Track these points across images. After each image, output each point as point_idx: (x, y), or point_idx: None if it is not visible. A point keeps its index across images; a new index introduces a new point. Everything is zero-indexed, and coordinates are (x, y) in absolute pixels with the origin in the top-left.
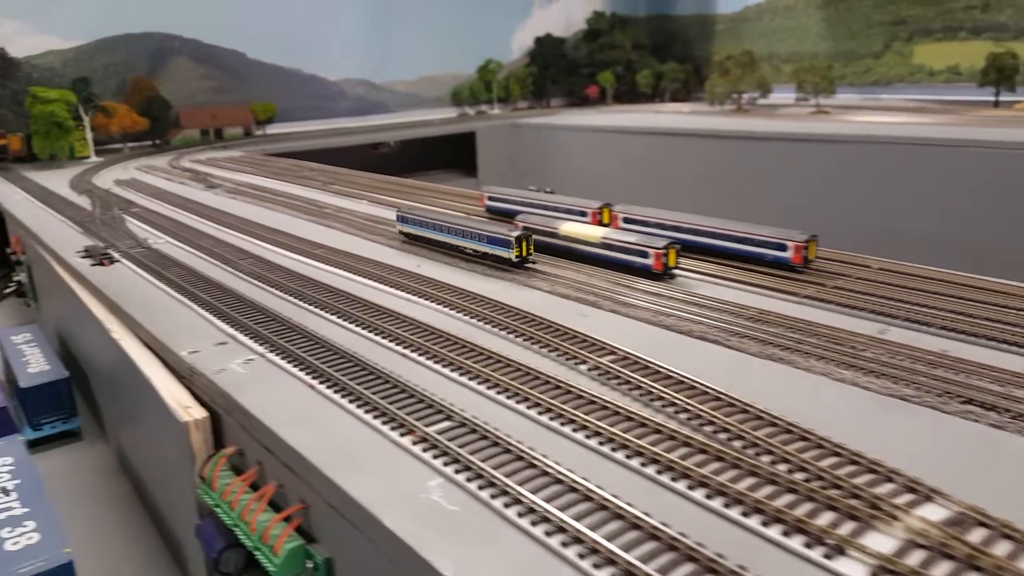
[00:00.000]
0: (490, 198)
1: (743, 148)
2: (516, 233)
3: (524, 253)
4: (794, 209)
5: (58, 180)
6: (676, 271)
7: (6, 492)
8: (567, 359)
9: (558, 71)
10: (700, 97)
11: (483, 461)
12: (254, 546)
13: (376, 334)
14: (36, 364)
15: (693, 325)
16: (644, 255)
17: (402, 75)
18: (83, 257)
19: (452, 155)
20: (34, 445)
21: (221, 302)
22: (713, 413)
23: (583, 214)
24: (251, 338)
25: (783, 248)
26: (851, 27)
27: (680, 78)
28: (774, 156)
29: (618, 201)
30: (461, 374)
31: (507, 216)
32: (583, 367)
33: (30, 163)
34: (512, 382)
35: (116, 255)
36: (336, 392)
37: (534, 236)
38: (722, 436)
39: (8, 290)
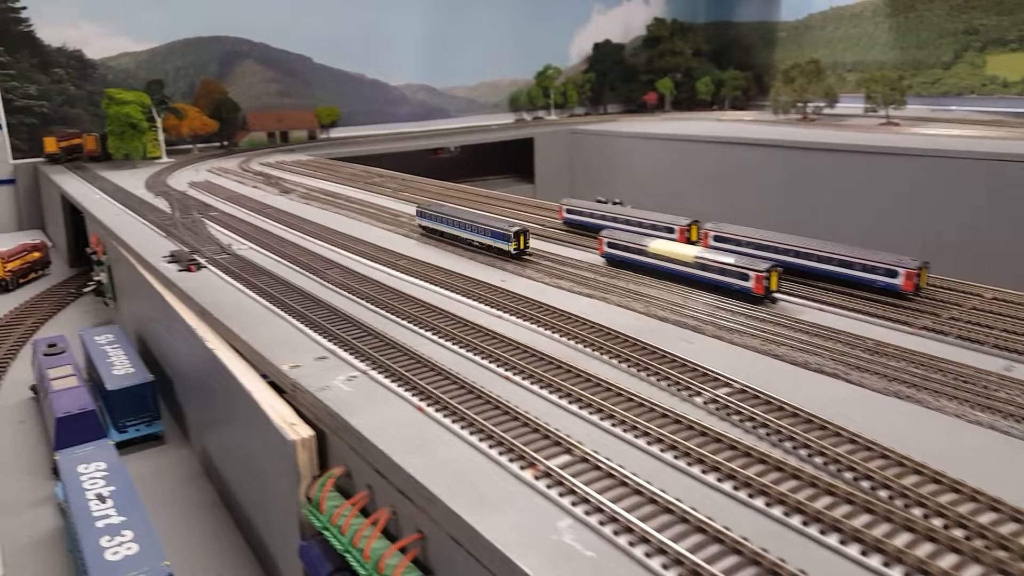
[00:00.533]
0: (568, 211)
1: (816, 160)
2: (515, 229)
3: (521, 246)
4: (868, 226)
5: (133, 181)
6: (777, 295)
7: (102, 499)
8: (679, 389)
9: (616, 77)
10: (760, 105)
11: (614, 503)
12: (367, 575)
13: (475, 353)
14: (120, 366)
15: (807, 356)
16: (744, 277)
17: (461, 81)
18: (169, 262)
19: (510, 160)
20: (118, 448)
21: (315, 314)
22: (850, 457)
23: (670, 231)
24: (351, 354)
25: (894, 274)
26: (920, 36)
27: (741, 86)
28: (848, 169)
29: (682, 213)
30: (570, 401)
31: (586, 229)
32: (698, 399)
33: (103, 162)
34: (627, 414)
35: (202, 261)
36: (446, 416)
37: (621, 252)
38: (865, 484)
39: (88, 288)
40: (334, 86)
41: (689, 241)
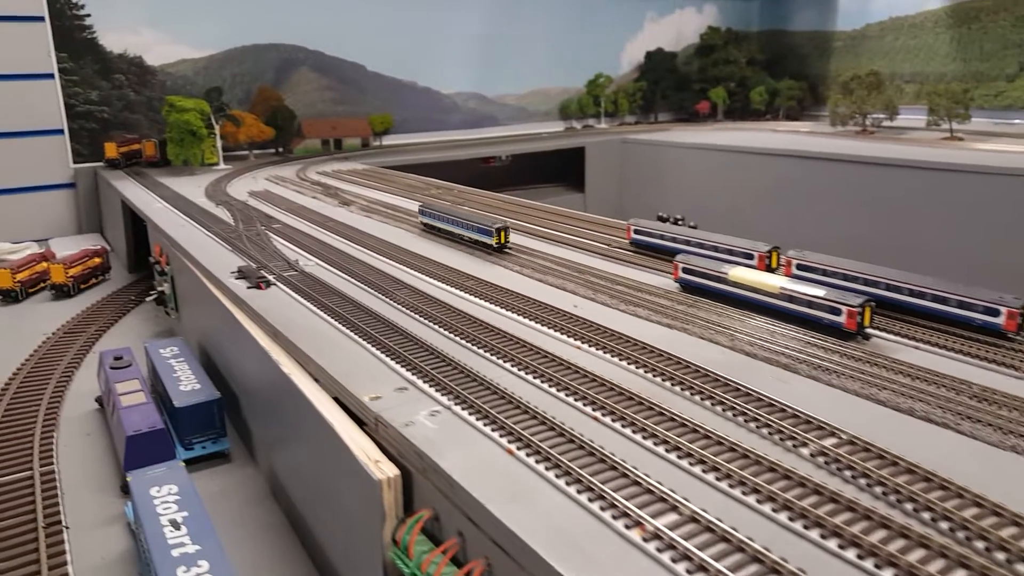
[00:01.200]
0: (636, 231)
1: (880, 176)
2: (497, 225)
3: (502, 241)
4: (936, 247)
5: (192, 188)
6: (870, 331)
7: (176, 526)
8: (782, 438)
9: (668, 86)
10: (815, 115)
11: (734, 572)
12: None
13: (558, 388)
14: (187, 381)
15: (912, 402)
16: (835, 312)
17: (512, 89)
18: (237, 278)
19: (559, 169)
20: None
21: (390, 340)
22: (978, 523)
23: (749, 256)
24: (431, 386)
25: (995, 313)
26: (984, 47)
27: (796, 96)
28: (914, 186)
29: (738, 226)
30: (667, 449)
31: (655, 251)
32: (804, 450)
33: (161, 168)
34: (731, 466)
35: (270, 278)
36: (539, 462)
37: (698, 279)
38: (1000, 556)
39: (150, 297)
40: (387, 94)
41: (769, 268)
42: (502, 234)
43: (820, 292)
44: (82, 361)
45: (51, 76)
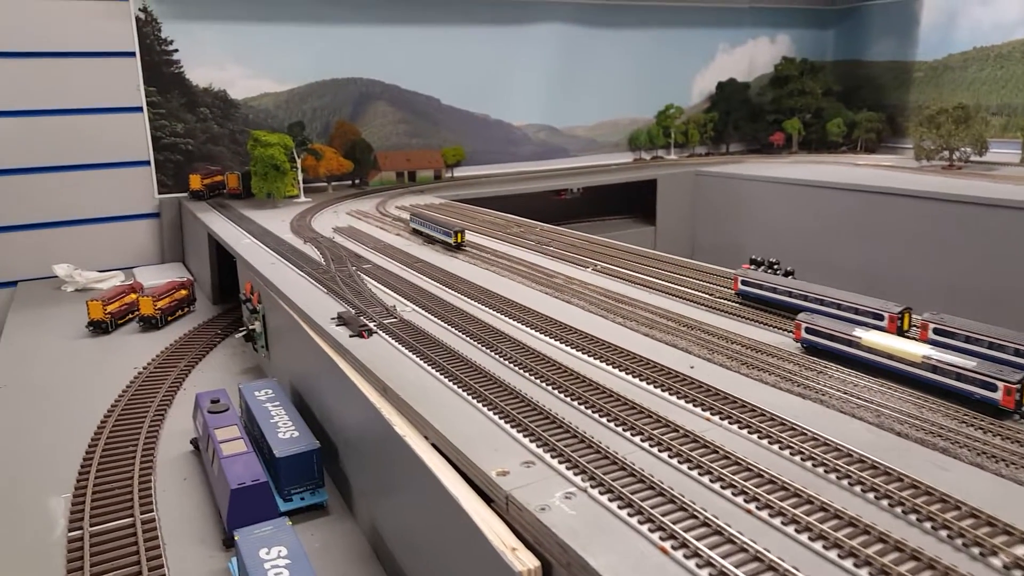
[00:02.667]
0: (744, 282)
1: (978, 217)
2: (455, 228)
3: (459, 241)
4: None
5: (277, 223)
6: None
7: None
8: (964, 543)
9: (741, 116)
10: (894, 148)
11: None
12: None
13: (699, 471)
14: (285, 429)
15: None
16: (990, 387)
17: (582, 120)
18: (338, 325)
19: (630, 201)
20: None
21: (507, 403)
22: None
23: (878, 317)
24: (560, 462)
25: None
26: None
27: (876, 128)
28: (1016, 229)
29: (818, 266)
30: (841, 555)
31: (766, 304)
32: (994, 559)
33: (242, 200)
34: None
35: (372, 326)
36: (700, 566)
37: (825, 341)
38: None
39: (239, 333)
40: (459, 126)
41: (900, 331)
42: (458, 235)
43: (971, 364)
44: (174, 398)
45: (140, 109)
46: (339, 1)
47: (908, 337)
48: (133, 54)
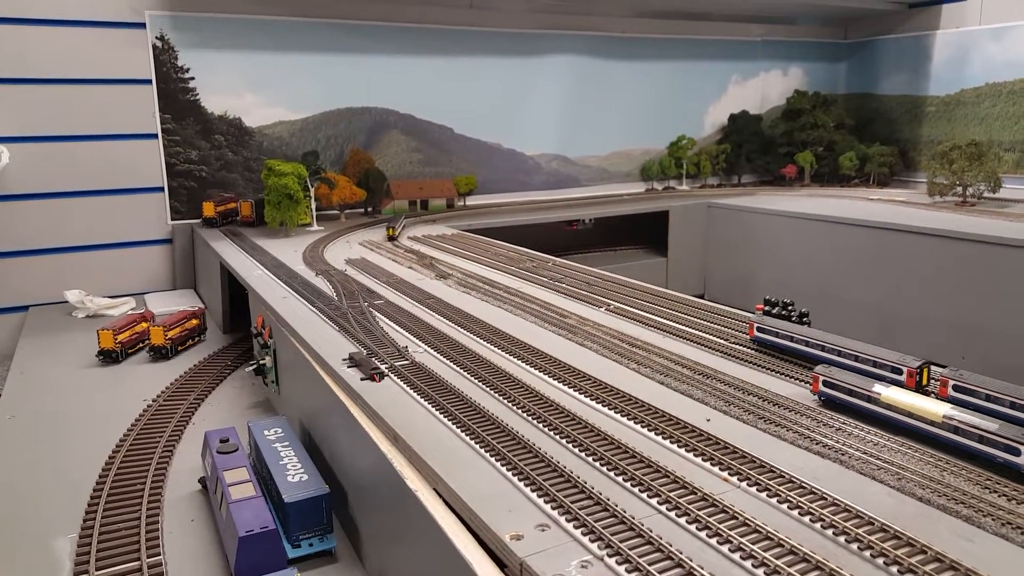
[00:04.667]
0: (760, 329)
1: (995, 257)
2: (396, 224)
3: (394, 234)
4: None
5: (290, 252)
6: None
7: None
8: None
9: (753, 148)
10: (906, 181)
11: None
12: None
13: (719, 540)
14: (294, 471)
15: None
16: (1015, 452)
17: (594, 150)
18: (349, 366)
19: (641, 232)
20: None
21: (522, 460)
22: None
23: (897, 371)
24: (576, 526)
25: None
26: None
27: (888, 162)
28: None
29: (832, 302)
30: None
31: (782, 353)
32: None
33: (255, 228)
34: None
35: (383, 368)
36: None
37: (843, 396)
38: None
39: (249, 367)
40: (472, 155)
41: (919, 386)
42: (391, 230)
43: (993, 426)
44: (182, 434)
45: (155, 136)
46: (355, 31)
47: (928, 394)
48: (149, 81)
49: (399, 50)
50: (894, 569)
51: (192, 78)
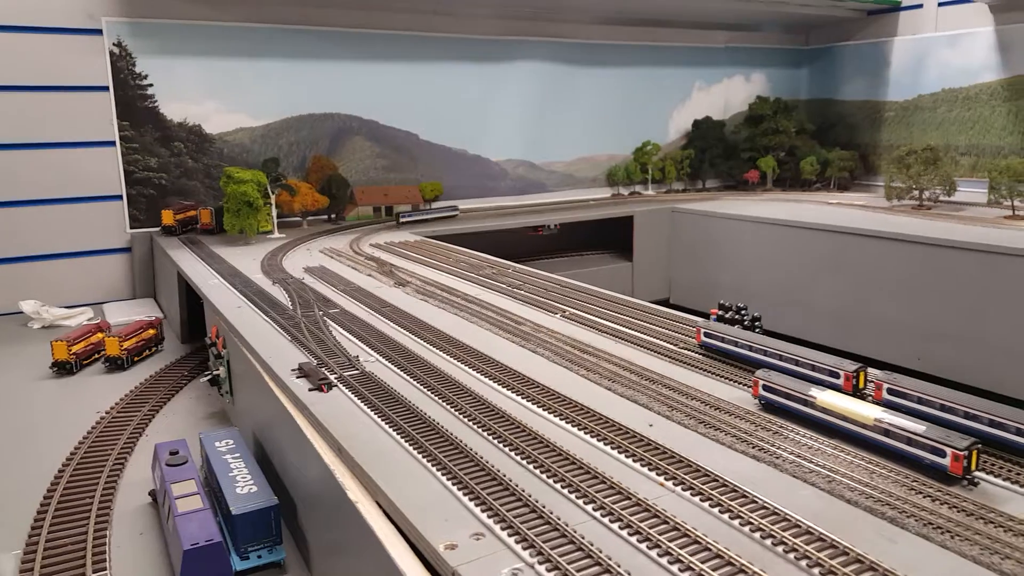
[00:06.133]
0: (707, 335)
1: (947, 260)
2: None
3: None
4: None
5: (248, 261)
6: (977, 475)
7: None
8: None
9: (716, 154)
10: (866, 185)
11: None
12: None
13: (657, 549)
14: (243, 483)
15: None
16: (939, 453)
17: (560, 156)
18: (298, 377)
19: (607, 237)
20: None
21: (462, 468)
22: None
23: (834, 375)
24: (510, 534)
25: None
26: None
27: (848, 166)
28: (986, 272)
29: (794, 305)
30: None
31: (727, 357)
32: None
33: (215, 236)
34: None
35: (332, 379)
36: None
37: (781, 400)
38: None
39: (203, 378)
40: (438, 161)
41: (856, 389)
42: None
43: (921, 428)
44: (135, 445)
45: (112, 144)
46: (317, 37)
47: (862, 398)
48: (107, 88)
49: (363, 56)
50: (816, 571)
51: (150, 85)
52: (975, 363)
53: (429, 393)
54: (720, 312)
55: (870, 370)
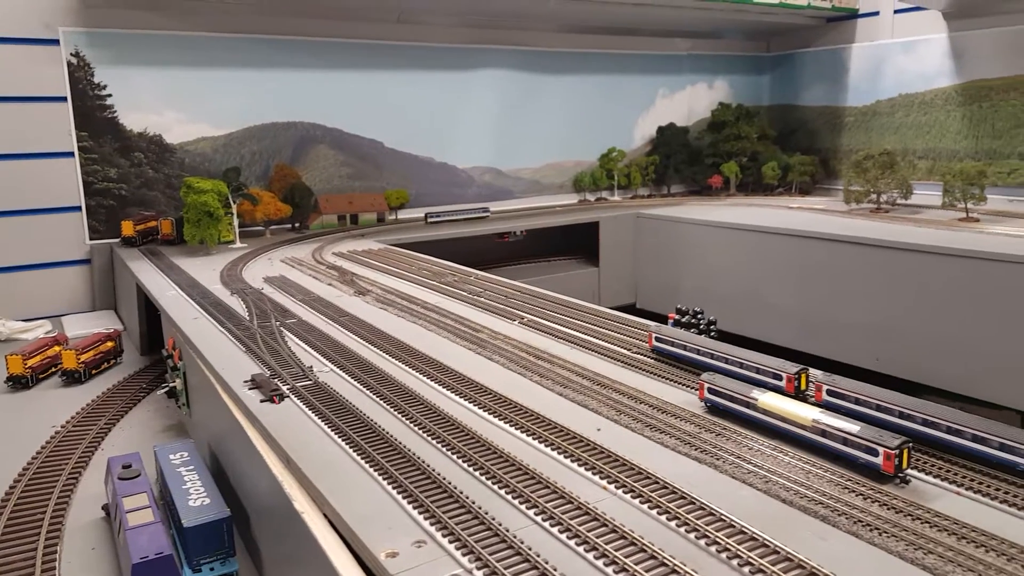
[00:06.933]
0: (658, 339)
1: (902, 261)
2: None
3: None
4: (971, 337)
5: (208, 272)
6: (908, 472)
7: None
8: None
9: (681, 160)
10: (827, 189)
11: None
12: None
13: (595, 553)
14: (196, 495)
15: (962, 572)
16: (872, 452)
17: (527, 163)
18: (251, 388)
19: (574, 243)
20: None
21: (407, 476)
22: None
23: (777, 377)
24: (451, 541)
25: None
26: (995, 126)
27: (809, 171)
28: (935, 273)
29: (756, 308)
30: None
31: (677, 361)
32: None
33: (176, 246)
34: None
35: (285, 390)
36: None
37: (725, 402)
38: None
39: (161, 390)
40: (403, 169)
41: (798, 391)
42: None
43: (855, 428)
44: (90, 459)
45: (71, 155)
46: (279, 47)
47: (803, 398)
48: (65, 99)
49: (326, 65)
50: (746, 570)
51: (109, 95)
52: (930, 363)
53: (381, 402)
54: (677, 316)
55: (811, 371)
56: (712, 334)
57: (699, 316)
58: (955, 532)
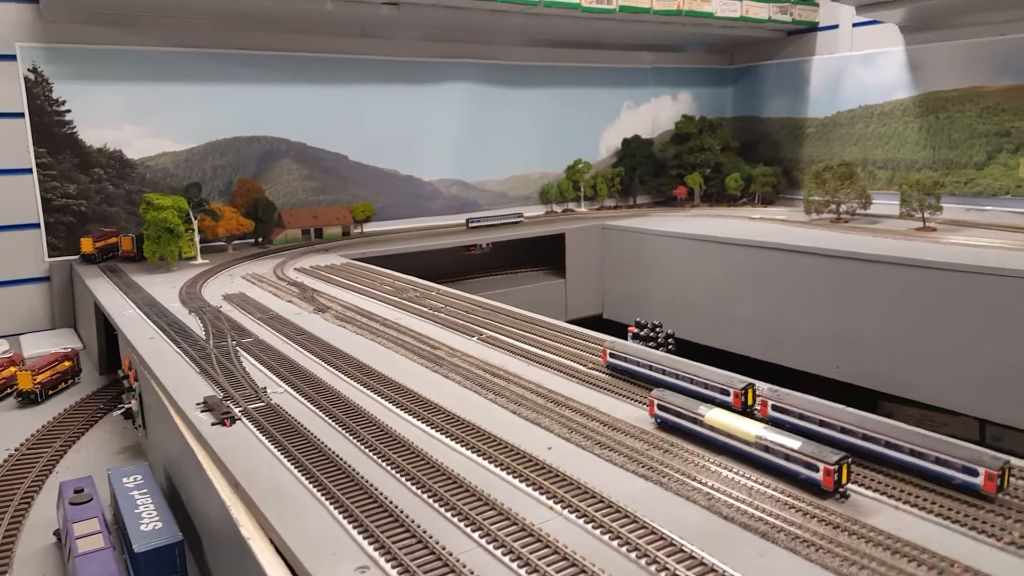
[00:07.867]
0: (612, 355)
1: (859, 271)
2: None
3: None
4: (924, 342)
5: (167, 290)
6: (848, 486)
7: None
8: None
9: (646, 171)
10: (789, 199)
11: None
12: None
13: (528, 572)
14: (148, 519)
15: None
16: (812, 468)
17: (493, 175)
18: (203, 411)
19: (540, 254)
20: None
21: (354, 501)
22: None
23: (724, 392)
24: (394, 566)
25: (974, 473)
26: (952, 136)
27: (771, 182)
28: (891, 282)
29: (720, 318)
30: None
31: (631, 377)
32: None
33: (136, 263)
34: None
35: (236, 412)
36: None
37: (674, 418)
38: None
39: (117, 411)
40: (369, 182)
41: (745, 406)
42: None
43: (796, 444)
44: (44, 483)
45: (29, 171)
46: (242, 61)
47: (749, 414)
48: (22, 115)
49: (289, 79)
50: None
51: (68, 111)
52: (889, 371)
53: (334, 424)
54: (636, 330)
55: (757, 386)
56: (670, 347)
57: (657, 329)
58: (889, 547)
